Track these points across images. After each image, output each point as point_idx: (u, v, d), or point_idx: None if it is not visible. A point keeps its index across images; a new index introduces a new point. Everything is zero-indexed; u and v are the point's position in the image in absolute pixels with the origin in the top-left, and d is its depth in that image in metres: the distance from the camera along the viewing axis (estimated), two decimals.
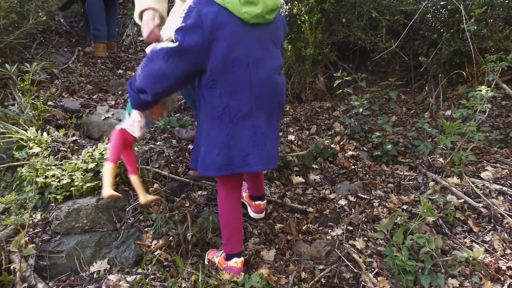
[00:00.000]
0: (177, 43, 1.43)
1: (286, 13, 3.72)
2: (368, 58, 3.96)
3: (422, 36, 3.93)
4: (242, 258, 1.78)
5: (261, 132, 1.58)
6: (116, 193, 1.60)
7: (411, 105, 3.62)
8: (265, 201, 2.12)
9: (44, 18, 3.41)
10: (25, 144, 2.36)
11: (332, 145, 2.90)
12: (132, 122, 1.79)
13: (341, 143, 2.95)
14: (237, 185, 1.80)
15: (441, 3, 3.30)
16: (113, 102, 3.18)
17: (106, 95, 3.34)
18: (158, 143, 2.67)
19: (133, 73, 3.90)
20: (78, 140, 2.62)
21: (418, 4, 3.31)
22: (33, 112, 2.63)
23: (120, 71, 3.96)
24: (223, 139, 1.56)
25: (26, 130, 2.45)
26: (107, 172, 1.66)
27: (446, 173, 2.61)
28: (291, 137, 2.97)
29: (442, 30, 3.51)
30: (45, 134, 2.43)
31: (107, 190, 1.60)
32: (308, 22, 3.40)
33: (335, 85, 3.10)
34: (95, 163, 2.10)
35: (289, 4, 3.66)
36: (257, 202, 2.10)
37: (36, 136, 2.37)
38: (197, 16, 1.40)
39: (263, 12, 1.47)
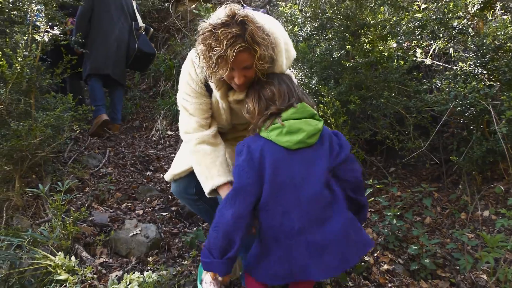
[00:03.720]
0: (236, 183, 1.66)
1: None
2: (396, 151, 3.90)
3: (451, 132, 3.87)
4: None
5: (316, 247, 1.63)
6: None
7: (445, 204, 3.48)
8: None
9: (78, 131, 3.54)
10: (53, 270, 2.35)
11: (366, 257, 2.77)
12: None
13: (375, 255, 2.82)
14: None
15: (468, 101, 3.26)
16: (141, 212, 3.19)
17: (135, 203, 3.35)
18: (185, 261, 2.61)
19: (161, 175, 3.95)
20: (105, 261, 2.60)
21: (445, 105, 3.27)
22: (63, 232, 2.64)
23: (148, 173, 4.01)
24: (281, 254, 1.66)
25: (54, 254, 2.45)
26: None
27: None
28: None
29: (471, 127, 3.45)
30: (73, 258, 2.42)
31: None
32: (334, 124, 3.41)
33: (366, 194, 3.03)
34: None
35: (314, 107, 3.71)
36: None
37: (64, 262, 2.36)
38: (247, 151, 1.66)
39: (304, 138, 1.66)
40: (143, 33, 5.10)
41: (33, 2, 3.25)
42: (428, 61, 3.86)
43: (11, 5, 3.36)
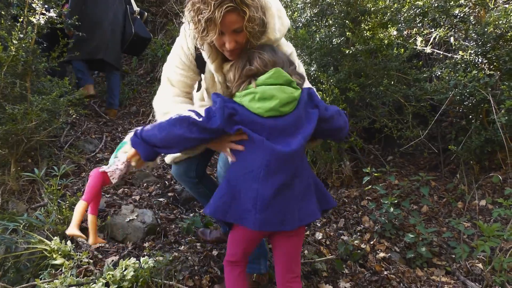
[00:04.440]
0: (201, 120, 1.61)
1: None
2: (395, 139, 3.89)
3: (450, 122, 3.86)
4: None
5: (263, 200, 1.61)
6: (79, 233, 1.73)
7: (442, 193, 3.48)
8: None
9: (74, 115, 3.50)
10: (48, 255, 2.34)
11: (362, 245, 2.78)
12: (115, 169, 1.85)
13: (371, 243, 2.83)
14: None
15: (468, 90, 3.24)
16: (138, 197, 3.17)
17: (132, 189, 3.34)
18: (182, 247, 2.61)
19: (158, 161, 3.92)
20: (102, 246, 2.59)
21: (445, 94, 3.25)
22: (59, 216, 2.62)
23: None
24: (231, 188, 1.67)
25: (50, 239, 2.44)
26: (78, 210, 1.75)
27: (487, 282, 2.43)
28: (318, 235, 2.87)
29: (470, 117, 3.43)
30: (69, 243, 2.41)
31: (73, 229, 1.72)
32: None
33: (363, 182, 3.03)
34: (116, 285, 2.04)
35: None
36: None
37: (59, 247, 2.35)
38: (222, 102, 1.61)
39: (277, 106, 1.60)
40: (138, 17, 5.02)
41: None
42: (428, 50, 3.82)
43: None
